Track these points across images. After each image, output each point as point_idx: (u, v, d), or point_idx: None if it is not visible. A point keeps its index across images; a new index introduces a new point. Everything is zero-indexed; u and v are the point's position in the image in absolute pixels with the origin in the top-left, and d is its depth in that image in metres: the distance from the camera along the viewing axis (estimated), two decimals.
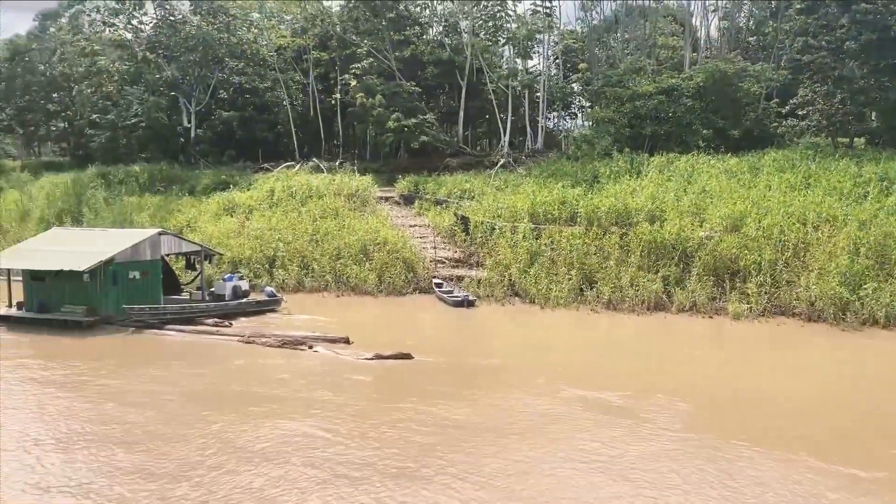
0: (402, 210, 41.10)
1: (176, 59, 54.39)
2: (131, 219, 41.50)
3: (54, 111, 64.12)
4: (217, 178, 46.37)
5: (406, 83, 51.48)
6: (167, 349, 22.97)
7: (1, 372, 19.56)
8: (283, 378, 19.14)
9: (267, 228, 36.83)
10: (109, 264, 25.21)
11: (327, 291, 32.68)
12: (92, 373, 19.92)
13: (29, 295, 26.98)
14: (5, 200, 47.01)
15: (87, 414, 16.32)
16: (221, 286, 28.81)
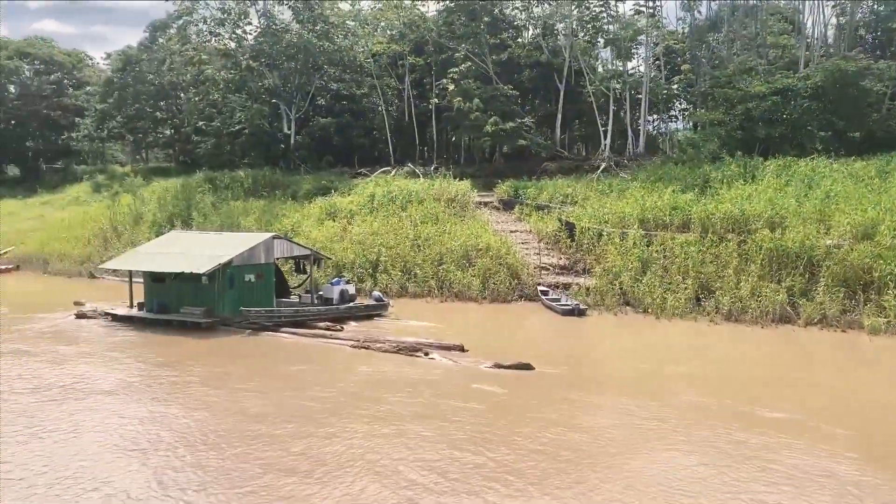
0: (502, 215, 40.53)
1: (278, 66, 55.76)
2: (238, 222, 42.59)
3: (161, 119, 67.00)
4: (317, 183, 47.12)
5: (503, 86, 50.98)
6: (289, 353, 22.92)
7: (146, 370, 20.42)
8: (412, 387, 18.73)
9: (369, 233, 37.00)
10: (227, 267, 25.72)
11: (430, 297, 32.46)
12: (229, 375, 20.39)
13: (149, 296, 27.89)
14: (119, 204, 49.18)
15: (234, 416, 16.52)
16: (329, 290, 28.99)
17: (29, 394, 18.29)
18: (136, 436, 15.24)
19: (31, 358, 22.10)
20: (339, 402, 17.65)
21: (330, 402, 17.67)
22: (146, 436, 15.24)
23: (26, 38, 72.40)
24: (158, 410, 17.09)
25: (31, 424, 15.90)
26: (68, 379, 19.65)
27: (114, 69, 66.49)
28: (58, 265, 44.56)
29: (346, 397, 18.10)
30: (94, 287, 39.39)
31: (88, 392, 18.58)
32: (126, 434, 15.35)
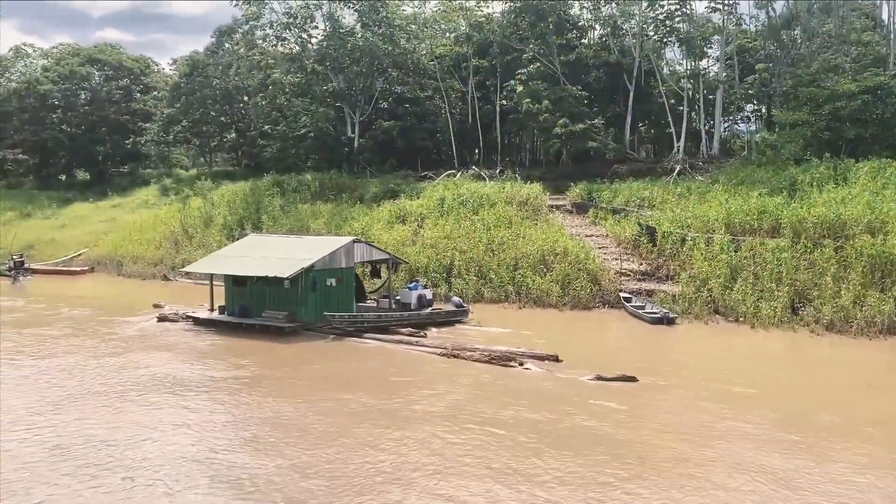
0: (576, 219, 39.52)
1: (342, 70, 55.79)
2: (307, 225, 42.57)
3: (226, 123, 67.83)
4: (384, 186, 46.82)
5: (571, 87, 49.95)
6: (380, 361, 22.31)
7: (252, 375, 20.20)
8: (527, 400, 17.79)
9: (441, 237, 36.45)
10: (310, 271, 25.42)
11: (507, 302, 31.70)
12: (330, 385, 19.80)
13: (230, 299, 27.81)
14: (189, 207, 49.77)
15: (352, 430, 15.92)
16: (407, 295, 28.49)
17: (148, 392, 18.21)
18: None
19: (131, 360, 22.03)
20: (460, 416, 16.61)
21: (453, 416, 16.63)
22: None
23: (96, 45, 74.25)
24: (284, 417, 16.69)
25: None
26: (175, 386, 19.57)
27: (181, 74, 67.53)
28: (131, 267, 45.22)
29: (462, 411, 16.99)
30: (168, 289, 39.78)
31: (199, 395, 18.45)
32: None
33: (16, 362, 21.65)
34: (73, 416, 16.62)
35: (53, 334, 25.97)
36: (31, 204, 61.94)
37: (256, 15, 56.67)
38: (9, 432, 15.32)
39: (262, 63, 57.55)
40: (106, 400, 17.94)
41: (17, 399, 17.85)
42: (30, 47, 76.36)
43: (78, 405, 17.55)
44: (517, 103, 50.38)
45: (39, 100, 67.18)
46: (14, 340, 24.86)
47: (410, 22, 59.38)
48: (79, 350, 23.45)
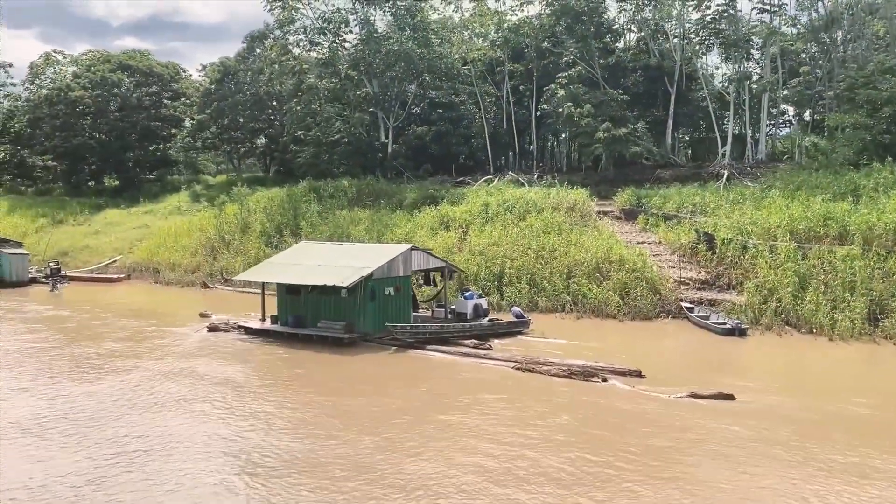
0: (625, 225, 38.46)
1: (377, 75, 55.08)
2: (348, 232, 41.79)
3: (257, 129, 67.34)
4: (424, 192, 45.96)
5: (612, 91, 48.92)
6: (455, 375, 21.17)
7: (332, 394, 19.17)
8: (635, 423, 16.38)
9: (488, 244, 35.51)
10: (368, 280, 24.54)
11: (564, 312, 30.66)
12: (423, 405, 18.46)
13: (283, 309, 27.00)
14: (225, 213, 49.15)
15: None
16: (463, 304, 27.55)
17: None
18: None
19: (198, 379, 20.93)
20: (592, 444, 15.04)
21: (587, 443, 15.08)
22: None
23: (124, 52, 74.11)
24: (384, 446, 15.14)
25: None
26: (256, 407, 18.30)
27: (212, 80, 67.13)
28: (168, 275, 44.61)
29: (588, 439, 15.44)
30: (208, 297, 39.12)
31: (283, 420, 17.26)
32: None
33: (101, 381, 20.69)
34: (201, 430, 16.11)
35: (117, 348, 24.97)
36: (63, 210, 61.67)
37: (290, 19, 56.10)
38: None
39: (297, 68, 56.90)
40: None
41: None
42: (59, 54, 76.42)
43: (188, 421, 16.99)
44: (556, 107, 49.43)
45: (70, 106, 67.00)
46: (83, 353, 24.06)
47: (442, 27, 58.72)
48: (149, 364, 22.42)
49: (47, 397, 18.71)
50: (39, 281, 44.82)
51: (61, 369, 21.81)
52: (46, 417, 16.94)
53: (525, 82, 58.99)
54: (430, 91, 57.95)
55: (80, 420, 16.71)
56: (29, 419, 16.76)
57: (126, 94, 68.48)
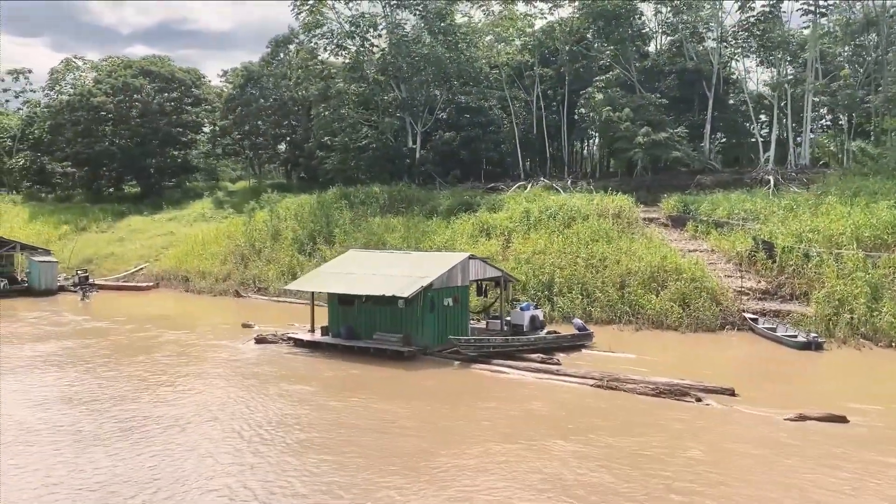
0: (673, 233, 37.23)
1: (406, 79, 54.10)
2: (383, 239, 40.74)
3: (279, 134, 66.42)
4: (459, 198, 44.83)
5: (650, 95, 47.80)
6: (535, 395, 19.37)
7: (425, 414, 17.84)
8: (769, 453, 14.67)
9: (534, 252, 34.35)
10: (428, 290, 23.40)
11: (621, 323, 29.42)
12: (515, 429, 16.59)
13: (335, 319, 25.89)
14: (255, 220, 48.13)
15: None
16: (519, 315, 26.38)
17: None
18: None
19: (277, 400, 19.29)
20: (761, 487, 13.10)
21: (734, 485, 13.16)
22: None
23: (145, 57, 73.39)
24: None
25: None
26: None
27: (234, 85, 66.26)
28: (199, 283, 43.59)
29: (730, 474, 13.68)
30: (243, 306, 38.06)
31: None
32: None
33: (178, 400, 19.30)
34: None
35: (172, 363, 23.75)
36: (86, 217, 60.82)
37: (319, 23, 55.18)
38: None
39: (324, 73, 55.95)
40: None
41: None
42: (80, 60, 75.80)
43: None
44: (592, 112, 48.31)
45: (92, 112, 66.22)
46: (144, 369, 22.81)
47: (472, 31, 57.75)
48: (219, 384, 21.02)
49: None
50: (67, 289, 43.90)
51: (130, 390, 20.27)
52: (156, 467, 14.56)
53: (555, 87, 58.00)
54: (459, 96, 56.88)
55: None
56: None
57: (147, 99, 67.64)
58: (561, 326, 28.23)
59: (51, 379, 21.61)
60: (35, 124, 74.21)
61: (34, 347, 26.51)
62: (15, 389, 20.15)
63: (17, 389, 20.16)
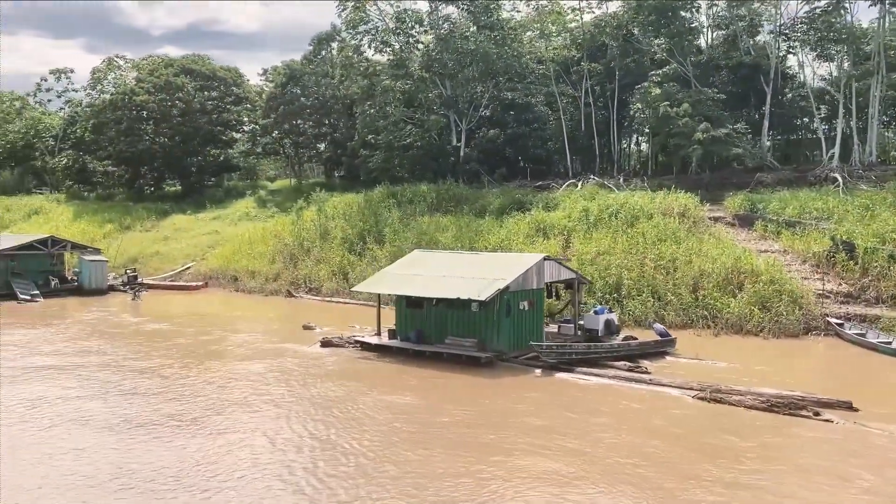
0: (740, 232, 35.75)
1: (452, 76, 53.08)
2: (434, 238, 39.77)
3: (322, 133, 65.81)
4: (510, 197, 43.73)
5: (707, 90, 46.24)
6: (650, 410, 17.83)
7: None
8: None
9: (598, 253, 33.12)
10: (504, 293, 22.35)
11: (695, 328, 28.09)
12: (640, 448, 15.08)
13: (403, 323, 24.96)
14: (302, 219, 47.46)
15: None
16: (593, 319, 25.25)
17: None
18: None
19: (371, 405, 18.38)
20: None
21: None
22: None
23: (185, 56, 73.25)
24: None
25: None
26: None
27: (276, 84, 65.78)
28: (249, 283, 43.02)
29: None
30: (296, 307, 37.39)
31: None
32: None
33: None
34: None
35: (255, 372, 22.18)
36: (129, 216, 60.75)
37: (362, 19, 54.36)
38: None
39: (370, 70, 55.11)
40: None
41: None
42: (121, 59, 75.94)
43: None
44: (648, 107, 46.89)
45: (135, 110, 66.23)
46: (224, 377, 21.59)
47: (519, 25, 56.59)
48: (303, 392, 19.76)
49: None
50: (116, 288, 43.61)
51: (215, 400, 18.92)
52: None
53: (603, 82, 56.64)
54: (505, 92, 55.75)
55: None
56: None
57: (188, 98, 67.47)
58: (633, 331, 27.02)
59: (148, 385, 20.46)
60: (77, 123, 74.54)
61: (106, 351, 25.68)
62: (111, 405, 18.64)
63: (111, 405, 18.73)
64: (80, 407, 18.36)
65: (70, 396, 19.40)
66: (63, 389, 20.15)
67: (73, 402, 18.79)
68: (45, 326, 31.39)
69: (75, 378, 21.52)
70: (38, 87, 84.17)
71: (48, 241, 43.67)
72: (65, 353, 25.29)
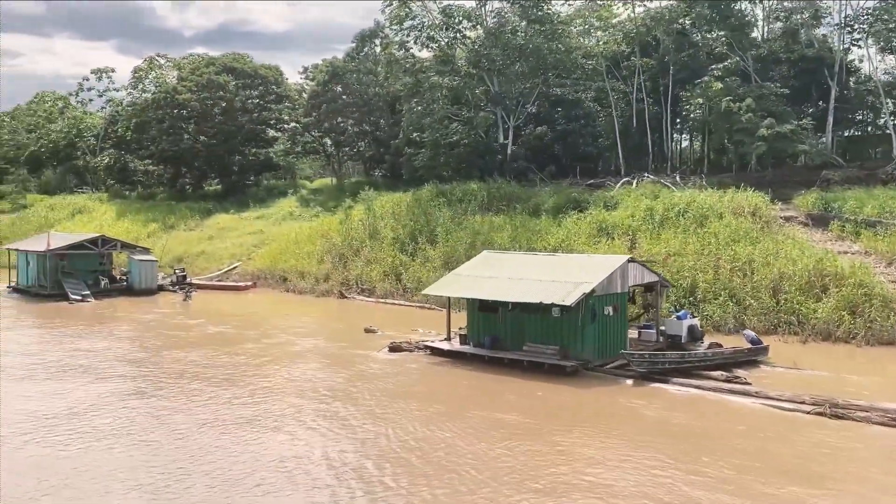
0: (815, 232, 34.06)
1: (501, 72, 51.83)
2: (490, 238, 38.61)
3: (363, 131, 64.97)
4: (566, 196, 42.37)
5: (771, 85, 44.44)
6: (767, 429, 16.21)
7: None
8: None
9: (669, 254, 31.69)
10: (590, 297, 21.11)
11: (779, 334, 26.55)
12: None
13: (475, 328, 23.86)
14: (351, 219, 46.57)
15: None
16: (675, 325, 23.91)
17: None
18: None
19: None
20: None
21: None
22: None
23: (226, 54, 72.84)
24: None
25: None
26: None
27: (318, 82, 65.05)
28: (299, 283, 42.22)
29: None
30: (349, 308, 36.57)
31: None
32: None
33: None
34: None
35: (337, 382, 21.04)
36: (173, 215, 60.46)
37: (409, 14, 53.34)
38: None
39: (416, 67, 54.05)
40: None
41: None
42: (162, 58, 75.82)
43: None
44: (709, 102, 45.22)
45: (177, 109, 65.98)
46: (306, 387, 20.54)
47: (568, 18, 55.14)
48: (407, 407, 18.51)
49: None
50: (166, 288, 43.10)
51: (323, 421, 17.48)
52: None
53: (655, 77, 54.96)
54: (554, 88, 54.35)
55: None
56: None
57: (230, 97, 67.07)
58: (714, 336, 25.63)
59: (259, 411, 18.28)
60: (118, 123, 74.62)
61: (179, 357, 24.71)
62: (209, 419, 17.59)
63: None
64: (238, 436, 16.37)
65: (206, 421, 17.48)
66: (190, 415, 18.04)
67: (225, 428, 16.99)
68: (111, 332, 30.25)
69: (185, 397, 19.72)
70: (80, 87, 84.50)
71: (98, 240, 43.26)
72: (149, 364, 24.21)
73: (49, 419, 17.44)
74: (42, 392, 20.02)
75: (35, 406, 18.53)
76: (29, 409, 18.28)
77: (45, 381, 21.41)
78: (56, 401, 19.07)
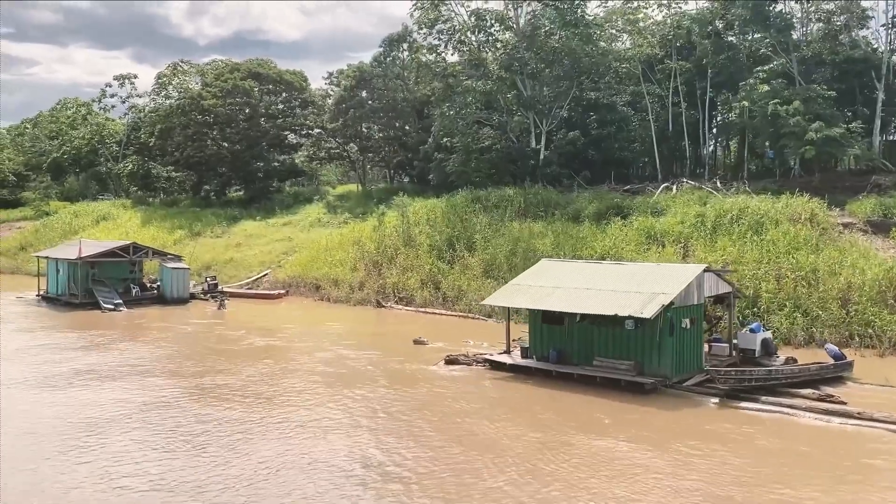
0: (876, 240, 32.67)
1: (534, 76, 50.72)
2: (532, 246, 37.47)
3: (390, 136, 64.03)
4: (607, 202, 41.15)
5: (817, 87, 43.07)
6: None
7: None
8: None
9: (725, 262, 30.39)
10: (668, 309, 19.87)
11: (857, 347, 25.16)
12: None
13: (539, 341, 22.67)
14: (384, 226, 45.50)
15: None
16: (749, 339, 22.67)
17: None
18: None
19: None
20: None
21: None
22: None
23: (250, 59, 72.15)
24: None
25: None
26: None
27: (345, 87, 64.16)
28: (333, 292, 41.14)
29: None
30: (390, 318, 35.50)
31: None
32: None
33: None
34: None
35: (406, 402, 19.75)
36: (199, 222, 59.64)
37: (441, 17, 52.33)
38: None
39: (448, 71, 53.04)
40: None
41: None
42: (185, 64, 75.26)
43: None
44: (754, 105, 43.88)
45: (202, 115, 65.27)
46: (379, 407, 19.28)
47: (603, 21, 54.01)
48: (502, 430, 17.21)
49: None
50: (196, 297, 42.16)
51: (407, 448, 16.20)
52: None
53: (691, 80, 53.68)
54: (589, 92, 53.18)
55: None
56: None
57: (255, 102, 66.30)
58: (786, 350, 24.33)
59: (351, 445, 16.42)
60: (141, 129, 74.04)
61: (242, 376, 23.18)
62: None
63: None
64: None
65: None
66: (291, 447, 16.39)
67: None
68: (152, 342, 29.27)
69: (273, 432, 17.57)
70: (103, 93, 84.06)
71: (129, 247, 42.39)
72: (215, 388, 23.33)
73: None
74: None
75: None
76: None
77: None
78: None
